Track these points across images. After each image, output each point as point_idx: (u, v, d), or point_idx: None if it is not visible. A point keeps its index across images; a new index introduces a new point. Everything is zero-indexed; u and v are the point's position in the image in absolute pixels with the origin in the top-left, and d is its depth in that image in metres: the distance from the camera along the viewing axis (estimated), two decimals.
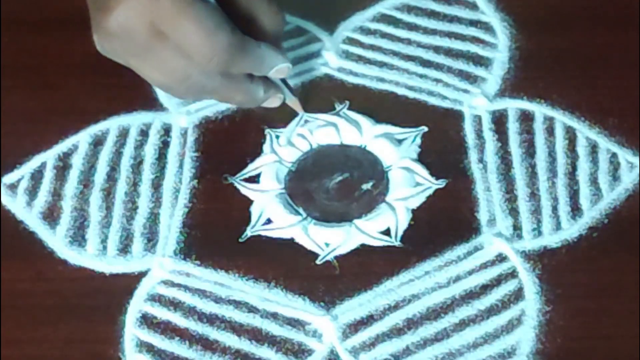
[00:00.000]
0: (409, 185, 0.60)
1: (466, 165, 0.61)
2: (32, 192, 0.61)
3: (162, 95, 0.65)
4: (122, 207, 0.61)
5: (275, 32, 0.59)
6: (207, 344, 0.55)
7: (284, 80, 0.61)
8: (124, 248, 0.59)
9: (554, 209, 0.59)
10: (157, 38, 0.55)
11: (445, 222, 0.59)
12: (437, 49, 0.67)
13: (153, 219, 0.60)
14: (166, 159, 0.63)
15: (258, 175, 0.61)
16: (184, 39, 0.54)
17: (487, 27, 0.68)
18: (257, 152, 0.62)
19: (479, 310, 0.56)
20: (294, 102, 0.62)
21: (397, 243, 0.58)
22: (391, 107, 0.64)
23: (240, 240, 0.59)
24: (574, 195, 0.60)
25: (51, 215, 0.61)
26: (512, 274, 0.57)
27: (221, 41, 0.55)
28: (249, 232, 0.59)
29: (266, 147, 0.62)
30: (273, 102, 0.61)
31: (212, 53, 0.55)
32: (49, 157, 0.63)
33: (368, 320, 0.56)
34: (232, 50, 0.55)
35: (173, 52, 0.55)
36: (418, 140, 0.62)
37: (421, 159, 0.62)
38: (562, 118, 0.63)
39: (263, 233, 0.59)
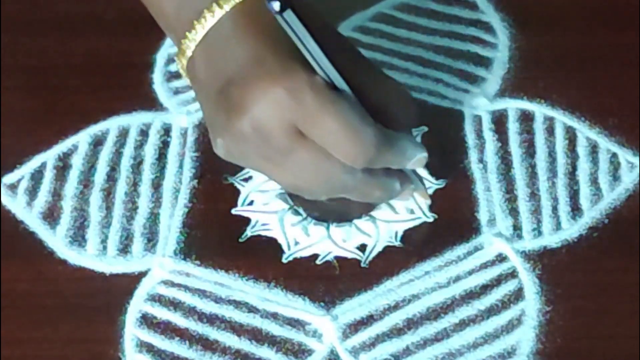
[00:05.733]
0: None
1: (466, 165, 0.61)
2: (32, 192, 0.61)
3: (162, 95, 0.65)
4: (122, 207, 0.61)
5: (408, 121, 0.55)
6: (207, 344, 0.55)
7: (413, 171, 0.58)
8: (124, 248, 0.59)
9: (554, 209, 0.59)
10: (297, 139, 0.50)
11: (445, 222, 0.59)
12: (437, 49, 0.67)
13: (153, 219, 0.60)
14: (166, 159, 0.63)
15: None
16: (328, 137, 0.49)
17: (487, 27, 0.68)
18: None
19: (479, 310, 0.56)
20: (422, 192, 0.59)
21: (397, 243, 0.58)
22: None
23: (240, 240, 0.59)
24: (574, 195, 0.60)
25: (51, 215, 0.61)
26: (512, 274, 0.57)
27: (368, 136, 0.50)
28: (249, 232, 0.59)
29: None
30: (406, 194, 0.57)
31: (360, 150, 0.50)
32: (49, 157, 0.63)
33: (368, 320, 0.56)
34: (378, 144, 0.50)
35: (314, 153, 0.50)
36: (418, 140, 0.62)
37: None
38: (562, 118, 0.63)
39: (263, 233, 0.59)
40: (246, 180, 0.61)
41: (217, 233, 0.59)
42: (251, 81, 0.49)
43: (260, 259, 0.58)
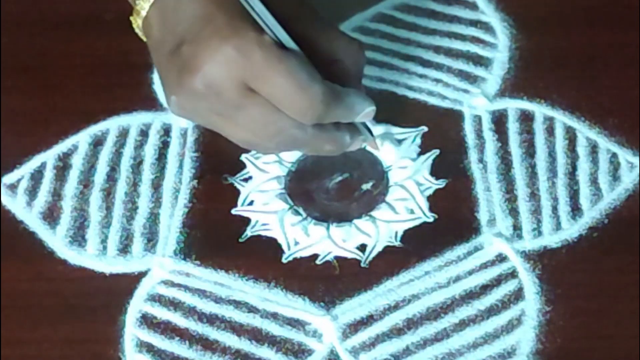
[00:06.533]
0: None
1: (466, 165, 0.61)
2: (32, 192, 0.61)
3: (162, 95, 0.65)
4: (122, 207, 0.61)
5: (358, 73, 0.57)
6: (207, 344, 0.55)
7: (363, 122, 0.59)
8: (124, 248, 0.59)
9: (554, 209, 0.59)
10: (247, 95, 0.52)
11: (445, 222, 0.59)
12: (437, 49, 0.67)
13: (153, 219, 0.60)
14: (166, 159, 0.63)
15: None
16: (277, 94, 0.51)
17: (487, 27, 0.68)
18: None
19: (479, 310, 0.56)
20: (371, 143, 0.60)
21: (397, 243, 0.58)
22: (391, 107, 0.64)
23: (240, 240, 0.59)
24: (574, 195, 0.60)
25: (51, 215, 0.61)
26: (512, 274, 0.57)
27: (316, 93, 0.52)
28: (249, 232, 0.59)
29: None
30: (356, 145, 0.58)
31: (308, 106, 0.52)
32: (49, 157, 0.63)
33: (368, 320, 0.56)
34: (326, 101, 0.52)
35: (264, 108, 0.52)
36: (418, 140, 0.62)
37: None
38: (562, 118, 0.63)
39: (263, 233, 0.59)
40: (246, 180, 0.61)
41: (217, 233, 0.59)
42: (202, 40, 0.51)
43: (260, 259, 0.58)
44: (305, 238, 0.58)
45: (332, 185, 0.61)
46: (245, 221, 0.60)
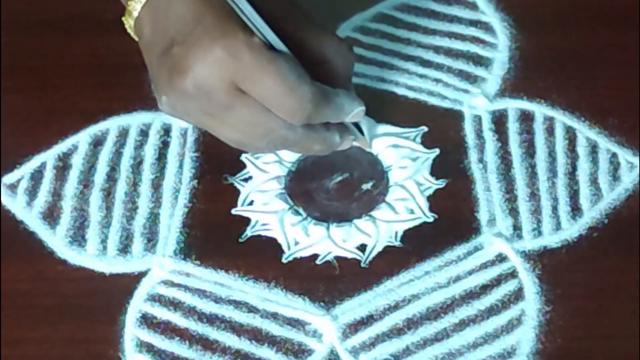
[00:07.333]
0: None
1: (466, 165, 0.61)
2: (32, 192, 0.61)
3: None
4: (122, 207, 0.61)
5: (347, 73, 0.57)
6: (207, 344, 0.55)
7: (354, 122, 0.59)
8: (124, 248, 0.59)
9: (554, 209, 0.59)
10: (236, 95, 0.52)
11: (445, 222, 0.59)
12: (437, 49, 0.67)
13: (153, 219, 0.60)
14: (166, 159, 0.63)
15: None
16: (266, 95, 0.52)
17: (487, 27, 0.68)
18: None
19: (479, 310, 0.56)
20: (362, 142, 0.61)
21: (397, 243, 0.58)
22: (391, 107, 0.64)
23: (240, 240, 0.59)
24: (574, 195, 0.60)
25: (51, 215, 0.61)
26: (512, 274, 0.57)
27: (305, 94, 0.52)
28: (249, 232, 0.59)
29: None
30: (346, 145, 0.59)
31: (297, 107, 0.52)
32: (49, 157, 0.63)
33: (368, 320, 0.56)
34: (315, 102, 0.53)
35: (253, 108, 0.53)
36: (418, 140, 0.62)
37: None
38: (562, 118, 0.63)
39: (263, 233, 0.59)
40: (246, 180, 0.61)
41: (217, 233, 0.59)
42: (192, 41, 0.51)
43: (260, 259, 0.58)
44: (305, 238, 0.58)
45: (332, 185, 0.61)
46: (245, 221, 0.60)
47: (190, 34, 0.52)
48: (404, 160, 0.61)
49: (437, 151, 0.62)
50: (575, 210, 0.59)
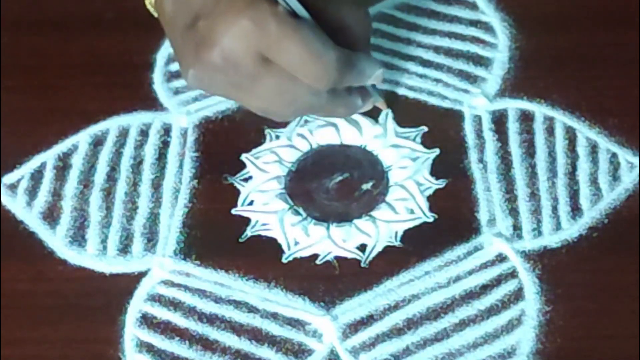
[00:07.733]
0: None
1: (466, 165, 0.61)
2: (32, 192, 0.61)
3: (162, 95, 0.65)
4: (122, 207, 0.61)
5: (366, 38, 0.59)
6: (207, 344, 0.55)
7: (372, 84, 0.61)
8: (124, 248, 0.59)
9: (554, 209, 0.59)
10: (263, 65, 0.54)
11: (445, 222, 0.59)
12: (437, 49, 0.67)
13: (153, 219, 0.60)
14: (166, 159, 0.63)
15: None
16: (293, 62, 0.53)
17: (487, 27, 0.68)
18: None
19: (479, 310, 0.56)
20: (381, 103, 0.63)
21: (397, 243, 0.58)
22: (391, 107, 0.64)
23: (240, 240, 0.59)
24: (574, 195, 0.60)
25: (51, 215, 0.61)
26: (512, 274, 0.57)
27: (330, 60, 0.54)
28: (249, 232, 0.59)
29: (266, 146, 0.63)
30: (367, 106, 0.61)
31: (323, 72, 0.54)
32: (49, 157, 0.63)
33: (368, 320, 0.56)
34: (340, 67, 0.54)
35: (280, 77, 0.54)
36: (418, 140, 0.62)
37: None
38: (562, 118, 0.63)
39: (263, 233, 0.59)
40: (246, 180, 0.61)
41: (217, 233, 0.59)
42: (217, 14, 0.53)
43: (260, 259, 0.58)
44: (305, 238, 0.58)
45: (332, 185, 0.61)
46: (245, 221, 0.60)
47: (216, 7, 0.53)
48: (404, 160, 0.61)
49: (437, 151, 0.62)
50: (575, 210, 0.59)
